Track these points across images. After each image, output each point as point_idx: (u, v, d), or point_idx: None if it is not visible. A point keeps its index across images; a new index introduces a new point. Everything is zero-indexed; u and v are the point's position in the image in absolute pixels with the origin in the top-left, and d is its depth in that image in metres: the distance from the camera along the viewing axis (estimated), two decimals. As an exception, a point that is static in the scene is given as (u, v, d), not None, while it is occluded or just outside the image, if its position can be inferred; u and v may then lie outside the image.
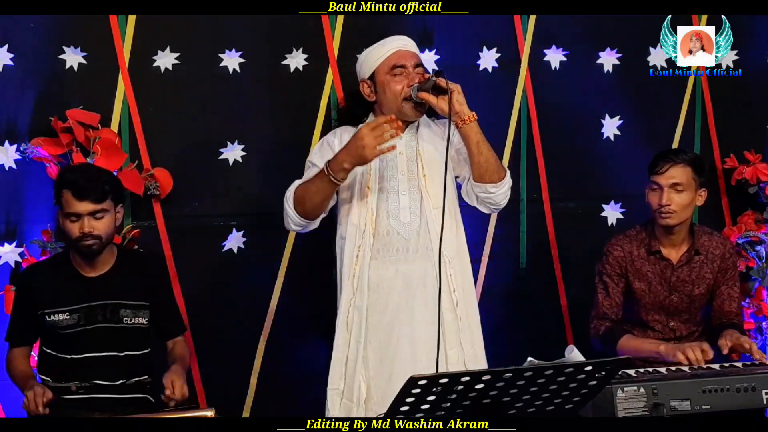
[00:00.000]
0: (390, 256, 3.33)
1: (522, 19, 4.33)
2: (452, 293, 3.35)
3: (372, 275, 3.33)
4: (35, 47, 3.78)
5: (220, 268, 4.03)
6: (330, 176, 3.19)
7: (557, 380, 2.56)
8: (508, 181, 3.37)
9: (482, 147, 3.28)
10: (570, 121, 4.45)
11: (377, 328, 3.32)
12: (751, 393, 3.09)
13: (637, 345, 3.58)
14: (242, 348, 4.05)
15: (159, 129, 3.92)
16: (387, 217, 3.35)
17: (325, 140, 3.47)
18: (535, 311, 4.43)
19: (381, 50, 3.41)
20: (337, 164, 3.20)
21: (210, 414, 2.91)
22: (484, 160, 3.29)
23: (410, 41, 3.48)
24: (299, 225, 3.34)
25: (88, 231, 3.27)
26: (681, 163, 3.63)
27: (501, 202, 3.39)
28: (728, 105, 4.64)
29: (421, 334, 3.29)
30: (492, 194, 3.34)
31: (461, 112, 3.26)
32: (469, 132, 3.28)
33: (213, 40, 3.96)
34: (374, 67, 3.40)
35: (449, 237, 3.35)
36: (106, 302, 3.36)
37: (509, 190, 3.39)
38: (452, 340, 3.33)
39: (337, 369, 3.35)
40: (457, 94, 3.25)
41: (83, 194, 3.25)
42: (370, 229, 3.34)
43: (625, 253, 3.73)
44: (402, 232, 3.34)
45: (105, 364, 3.36)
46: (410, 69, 3.37)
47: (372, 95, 3.42)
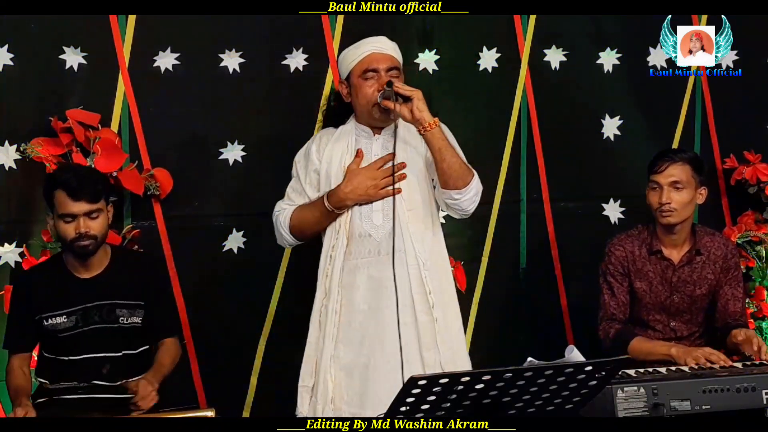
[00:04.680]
0: (362, 258, 3.32)
1: (522, 19, 4.33)
2: (428, 295, 3.32)
3: (344, 276, 3.33)
4: (35, 47, 3.78)
5: (220, 268, 4.03)
6: (333, 211, 3.33)
7: (557, 380, 2.56)
8: (475, 187, 3.32)
9: (445, 153, 3.25)
10: (570, 121, 4.45)
11: (349, 328, 3.32)
12: (751, 393, 3.09)
13: (649, 348, 3.56)
14: (242, 348, 4.05)
15: (159, 129, 3.92)
16: (360, 219, 3.35)
17: (306, 148, 3.50)
18: (535, 311, 4.43)
19: (355, 53, 3.39)
20: (340, 201, 3.32)
21: (210, 414, 2.91)
22: (447, 167, 3.25)
23: (388, 43, 3.43)
24: (294, 244, 3.50)
25: (84, 231, 3.26)
26: (680, 162, 3.64)
27: (468, 208, 3.35)
28: (728, 105, 4.64)
29: (391, 336, 3.25)
30: (457, 200, 3.31)
31: (421, 119, 3.23)
32: (431, 138, 3.25)
33: (213, 40, 3.96)
34: (349, 69, 3.39)
35: (423, 239, 3.34)
36: (102, 303, 3.36)
37: (477, 195, 3.34)
38: (428, 342, 3.30)
39: (308, 367, 3.36)
40: (417, 101, 3.23)
41: (79, 194, 3.24)
42: (344, 231, 3.35)
43: (627, 252, 3.73)
44: (374, 234, 3.32)
45: (104, 364, 3.36)
46: (382, 73, 3.33)
47: (348, 97, 3.42)
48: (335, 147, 3.42)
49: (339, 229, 3.36)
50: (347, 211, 3.36)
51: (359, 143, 3.42)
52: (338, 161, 3.40)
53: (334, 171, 3.39)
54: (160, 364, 3.41)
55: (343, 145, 3.42)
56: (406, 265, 3.30)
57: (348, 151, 3.41)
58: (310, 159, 3.44)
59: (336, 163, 3.40)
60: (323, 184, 3.41)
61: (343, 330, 3.32)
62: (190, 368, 3.93)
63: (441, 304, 3.35)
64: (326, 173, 3.41)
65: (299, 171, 3.48)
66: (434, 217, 3.41)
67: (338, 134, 3.45)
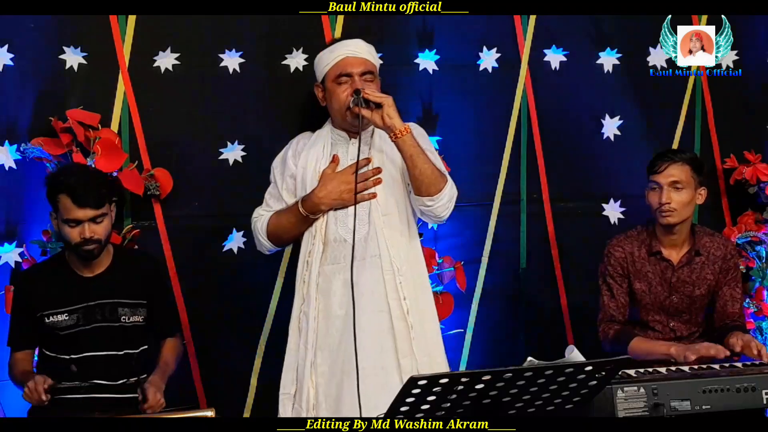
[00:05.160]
0: (338, 263, 3.30)
1: (522, 19, 4.33)
2: (402, 301, 3.30)
3: (321, 282, 3.32)
4: (35, 47, 3.78)
5: (220, 268, 4.02)
6: (308, 216, 3.31)
7: (557, 380, 2.57)
8: (447, 193, 3.28)
9: (416, 160, 3.22)
10: (570, 121, 4.44)
11: (326, 334, 3.30)
12: (751, 393, 3.09)
13: (649, 347, 3.57)
14: (242, 348, 4.04)
15: (159, 129, 3.92)
16: (335, 224, 3.33)
17: (283, 153, 3.49)
18: (535, 311, 4.42)
19: (329, 56, 3.38)
20: (314, 206, 3.30)
21: (210, 414, 2.91)
22: (419, 173, 3.22)
23: (363, 46, 3.41)
24: (273, 251, 3.50)
25: (90, 236, 3.26)
26: (679, 162, 3.64)
27: (441, 214, 3.32)
28: (728, 105, 4.64)
29: (367, 342, 3.23)
30: (430, 207, 3.28)
31: (392, 126, 3.20)
32: (402, 145, 3.22)
33: (213, 40, 3.96)
34: (324, 72, 3.38)
35: (398, 245, 3.32)
36: (105, 301, 3.36)
37: (450, 202, 3.31)
38: (404, 348, 3.28)
39: (289, 374, 3.35)
40: (388, 108, 3.20)
41: (84, 201, 3.24)
42: (320, 236, 3.34)
43: (626, 253, 3.73)
44: (349, 240, 3.30)
45: (104, 363, 3.36)
46: (356, 77, 3.32)
47: (324, 101, 3.41)
48: (311, 152, 3.41)
49: (315, 234, 3.35)
50: (323, 217, 3.34)
51: (335, 148, 3.41)
52: (314, 166, 3.39)
53: (310, 176, 3.38)
54: (165, 364, 3.43)
55: (319, 149, 3.41)
56: (381, 270, 3.28)
57: (324, 156, 3.40)
58: (287, 164, 3.43)
59: (311, 167, 3.39)
60: (299, 189, 3.40)
61: (321, 336, 3.30)
62: (190, 368, 3.93)
63: (416, 310, 3.32)
64: (302, 178, 3.40)
65: (276, 176, 3.47)
66: (410, 222, 3.38)
67: (314, 139, 3.45)
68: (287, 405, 3.33)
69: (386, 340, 3.26)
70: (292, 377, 3.34)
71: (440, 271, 4.07)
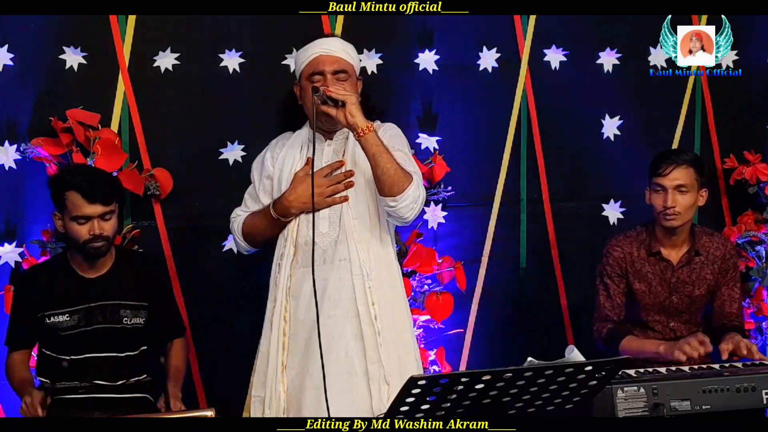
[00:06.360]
0: (308, 266, 3.22)
1: (522, 19, 4.33)
2: (371, 306, 3.23)
3: (291, 285, 3.29)
4: (35, 47, 3.78)
5: (220, 268, 4.03)
6: (279, 219, 3.28)
7: (557, 380, 2.56)
8: (411, 194, 3.17)
9: (379, 159, 3.14)
10: (570, 121, 4.45)
11: (296, 338, 3.26)
12: (751, 393, 3.08)
13: (639, 346, 3.59)
14: (242, 348, 4.02)
15: (159, 129, 3.92)
16: (307, 227, 3.27)
17: (262, 154, 3.46)
18: (535, 311, 4.43)
19: (303, 55, 3.34)
20: (285, 209, 3.28)
21: (210, 414, 2.90)
22: (381, 173, 3.14)
23: (337, 45, 3.35)
24: (250, 251, 3.46)
25: (99, 233, 3.26)
26: (684, 165, 3.62)
27: (405, 216, 3.21)
28: (728, 105, 4.64)
29: (333, 346, 3.19)
30: (393, 207, 3.17)
31: (354, 124, 3.14)
32: (365, 144, 3.15)
33: (213, 40, 3.96)
34: (299, 71, 3.35)
35: (369, 249, 3.26)
36: (106, 303, 3.36)
37: (415, 203, 3.19)
38: (372, 354, 3.21)
39: (259, 377, 3.31)
40: (350, 106, 3.14)
41: (93, 197, 3.24)
42: (292, 239, 3.31)
43: (625, 254, 3.73)
44: (319, 242, 3.25)
45: (105, 364, 3.36)
46: (329, 76, 3.27)
47: (300, 99, 3.38)
48: (288, 153, 3.38)
49: (287, 237, 3.32)
50: (295, 219, 3.32)
51: (312, 149, 3.36)
52: (290, 167, 3.35)
53: (285, 177, 3.35)
54: (177, 369, 3.46)
55: (296, 151, 3.38)
56: (351, 274, 3.23)
57: (300, 158, 3.36)
58: (264, 165, 3.41)
59: (287, 169, 3.36)
60: (275, 190, 3.37)
61: (291, 339, 3.27)
62: (190, 368, 3.93)
63: (385, 315, 3.26)
64: (278, 180, 3.37)
65: (255, 177, 3.45)
66: (382, 226, 3.31)
67: (293, 139, 3.42)
68: (257, 408, 3.29)
69: (356, 345, 3.21)
70: (262, 380, 3.30)
71: (440, 271, 4.08)
